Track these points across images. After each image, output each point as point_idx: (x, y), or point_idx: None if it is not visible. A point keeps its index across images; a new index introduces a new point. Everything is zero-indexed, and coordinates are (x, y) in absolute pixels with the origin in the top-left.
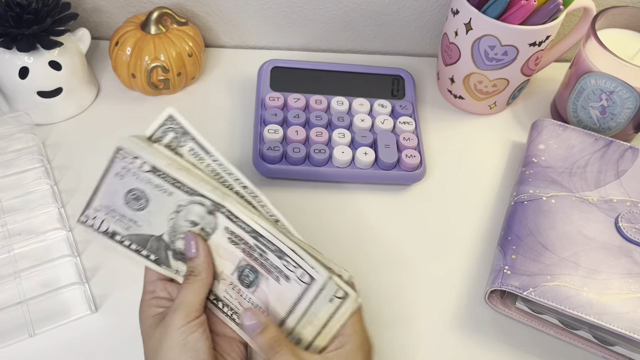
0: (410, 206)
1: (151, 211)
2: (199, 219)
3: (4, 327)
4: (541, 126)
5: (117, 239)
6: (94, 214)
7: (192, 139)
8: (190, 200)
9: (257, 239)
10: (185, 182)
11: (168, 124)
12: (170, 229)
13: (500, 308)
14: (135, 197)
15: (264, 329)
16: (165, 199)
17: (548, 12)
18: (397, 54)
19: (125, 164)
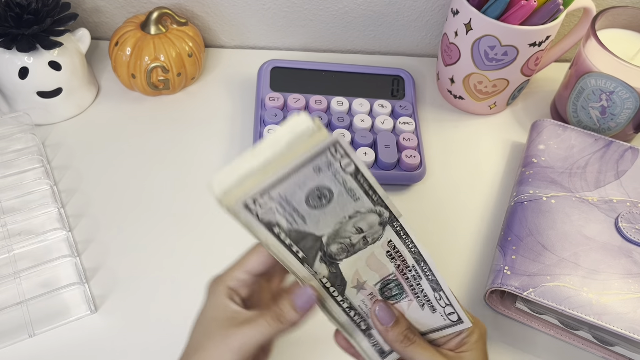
0: (410, 206)
1: (326, 212)
2: (368, 227)
3: (4, 327)
4: (541, 126)
5: (276, 231)
6: (268, 203)
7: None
8: (371, 209)
9: (418, 262)
10: (378, 190)
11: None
12: (334, 232)
13: (500, 308)
14: (319, 196)
15: (396, 322)
16: (349, 203)
17: (548, 12)
18: (397, 54)
19: (332, 159)
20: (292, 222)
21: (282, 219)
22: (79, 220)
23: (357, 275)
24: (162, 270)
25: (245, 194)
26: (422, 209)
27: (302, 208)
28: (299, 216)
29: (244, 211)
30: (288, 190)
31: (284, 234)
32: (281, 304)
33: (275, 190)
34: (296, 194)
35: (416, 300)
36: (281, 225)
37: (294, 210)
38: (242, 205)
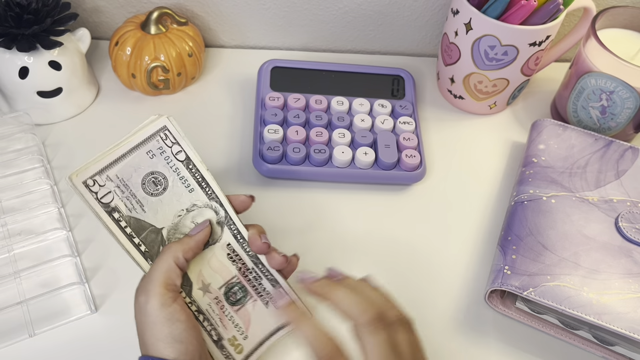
0: (410, 206)
1: (163, 201)
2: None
3: (4, 327)
4: (541, 126)
5: (116, 216)
6: (104, 182)
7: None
8: (207, 204)
9: (257, 264)
10: (211, 184)
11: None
12: (173, 226)
13: (500, 308)
14: (154, 181)
15: (290, 303)
16: (184, 193)
17: (548, 12)
18: (397, 54)
19: (163, 145)
20: (131, 208)
21: (121, 203)
22: (79, 220)
23: (201, 277)
24: None
25: (86, 173)
26: (422, 209)
27: (140, 193)
28: (137, 202)
29: (86, 191)
30: (125, 173)
31: (124, 221)
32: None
33: (113, 171)
34: (132, 177)
35: (260, 299)
36: (120, 209)
37: (132, 195)
38: (83, 185)
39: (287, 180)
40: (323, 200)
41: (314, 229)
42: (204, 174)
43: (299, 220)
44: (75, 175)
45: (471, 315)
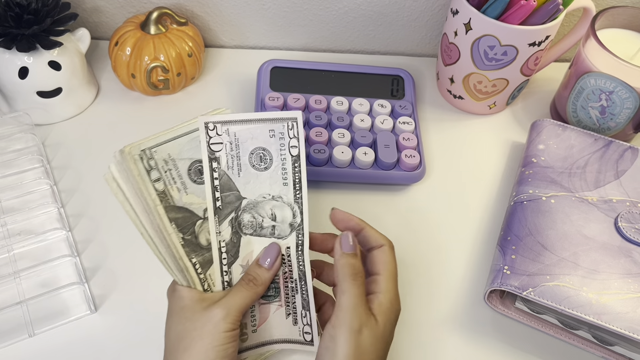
0: (410, 206)
1: (259, 177)
2: (280, 220)
3: (4, 327)
4: (541, 126)
5: (214, 165)
6: (222, 132)
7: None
8: (290, 204)
9: (301, 279)
10: (304, 190)
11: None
12: (254, 202)
13: (499, 308)
14: (261, 157)
15: (355, 254)
16: (278, 182)
17: (548, 12)
18: (397, 54)
19: (285, 132)
20: (230, 166)
21: (225, 158)
22: (79, 220)
23: (249, 257)
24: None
25: (214, 117)
26: (422, 209)
27: (244, 160)
28: (237, 165)
29: (204, 131)
30: (242, 135)
31: (218, 174)
32: (250, 269)
33: (234, 128)
34: (247, 142)
35: (285, 307)
36: (221, 162)
37: (237, 156)
38: (204, 125)
39: None
40: (323, 200)
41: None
42: (303, 178)
43: None
44: (202, 116)
45: (471, 315)
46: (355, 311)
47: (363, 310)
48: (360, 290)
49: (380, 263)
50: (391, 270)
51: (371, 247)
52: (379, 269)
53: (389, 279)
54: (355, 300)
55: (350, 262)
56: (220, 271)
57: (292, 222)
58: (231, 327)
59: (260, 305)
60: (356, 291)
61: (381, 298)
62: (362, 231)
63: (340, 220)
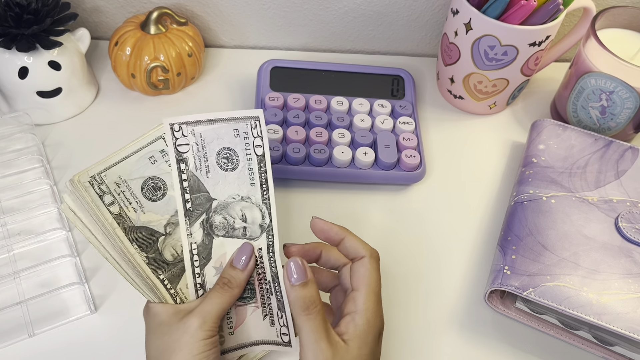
0: (410, 206)
1: (227, 178)
2: (251, 221)
3: (4, 327)
4: (541, 126)
5: (182, 167)
6: (188, 133)
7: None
8: (259, 204)
9: (274, 280)
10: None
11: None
12: (224, 204)
13: (500, 308)
14: (228, 157)
15: (305, 283)
16: (245, 182)
17: (548, 12)
18: (397, 54)
19: (249, 131)
20: (198, 167)
21: (192, 159)
22: None
23: (222, 259)
24: None
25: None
26: (422, 209)
27: (211, 160)
28: (205, 166)
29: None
30: (208, 135)
31: (186, 175)
32: (225, 272)
33: (200, 128)
34: (213, 143)
35: (262, 309)
36: (189, 164)
37: (205, 157)
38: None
39: (287, 180)
40: (323, 200)
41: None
42: (269, 178)
43: (298, 220)
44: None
45: (471, 315)
46: (317, 347)
47: (325, 343)
48: (317, 322)
49: (359, 278)
50: (370, 284)
51: (353, 257)
52: (357, 285)
53: (367, 295)
54: (313, 336)
55: (300, 295)
56: (193, 273)
57: (261, 223)
58: (209, 334)
59: (236, 307)
60: (312, 325)
61: (357, 319)
62: (343, 241)
63: (320, 230)
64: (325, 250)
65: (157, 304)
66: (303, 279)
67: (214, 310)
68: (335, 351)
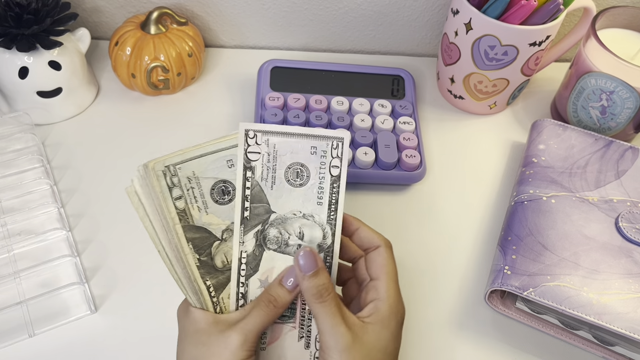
0: (410, 206)
1: (292, 193)
2: (308, 240)
3: (4, 327)
4: (541, 126)
5: (248, 174)
6: (262, 142)
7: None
8: (322, 224)
9: None
10: (339, 213)
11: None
12: (282, 218)
13: (500, 308)
14: (298, 173)
15: (316, 272)
16: (312, 200)
17: (548, 12)
18: (397, 54)
19: (329, 150)
20: (264, 177)
21: (260, 168)
22: (79, 220)
23: (269, 273)
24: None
25: (256, 126)
26: (422, 209)
27: (279, 173)
28: (272, 178)
29: (244, 138)
30: (282, 148)
31: (250, 183)
32: (271, 289)
33: (275, 139)
34: (285, 156)
35: (299, 330)
36: (256, 173)
37: (273, 169)
38: (244, 132)
39: None
40: None
41: None
42: (340, 200)
43: None
44: (244, 123)
45: (471, 315)
46: (336, 331)
47: (344, 327)
48: (332, 307)
49: (377, 267)
50: (389, 272)
51: (367, 248)
52: (377, 274)
53: (388, 282)
54: (330, 322)
55: (312, 284)
56: (237, 282)
57: (320, 243)
58: (248, 354)
59: (273, 324)
60: (328, 311)
61: (380, 305)
62: (357, 231)
63: None
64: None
65: (198, 309)
66: (314, 268)
67: (255, 329)
68: (355, 334)
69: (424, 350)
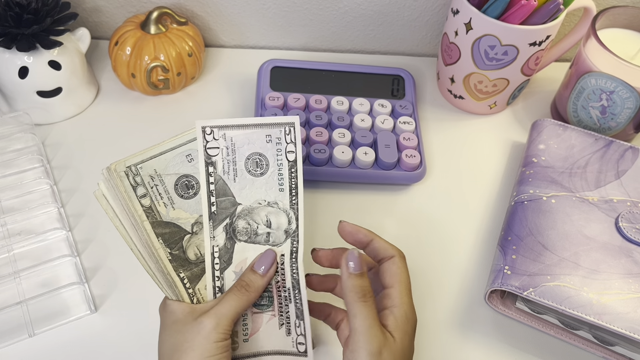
0: (410, 206)
1: (254, 183)
2: (276, 227)
3: (4, 327)
4: (541, 126)
5: (210, 170)
6: (219, 137)
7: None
8: (286, 210)
9: (294, 288)
10: (300, 196)
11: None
12: (248, 209)
13: (500, 308)
14: (257, 162)
15: (362, 273)
16: (274, 188)
17: (548, 12)
18: (397, 54)
19: (282, 137)
20: (226, 171)
21: (221, 162)
22: (79, 220)
23: (242, 264)
24: None
25: (211, 122)
26: (422, 209)
27: (240, 165)
28: (233, 170)
29: (201, 135)
30: (239, 140)
31: (214, 178)
32: (244, 275)
33: (231, 133)
34: (243, 148)
35: (279, 317)
36: (217, 167)
37: (233, 161)
38: (201, 129)
39: None
40: (323, 200)
41: (314, 228)
42: (299, 183)
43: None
44: (200, 120)
45: (471, 315)
46: (371, 333)
47: (378, 330)
48: (371, 310)
49: (392, 275)
50: (403, 281)
51: (381, 258)
52: (391, 282)
53: (402, 291)
54: (368, 322)
55: (357, 283)
56: (213, 276)
57: (287, 229)
58: (222, 337)
59: (252, 314)
60: (368, 312)
61: (396, 313)
62: (371, 242)
63: (348, 233)
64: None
65: (174, 301)
66: (360, 269)
67: (229, 313)
68: (385, 340)
69: (424, 350)
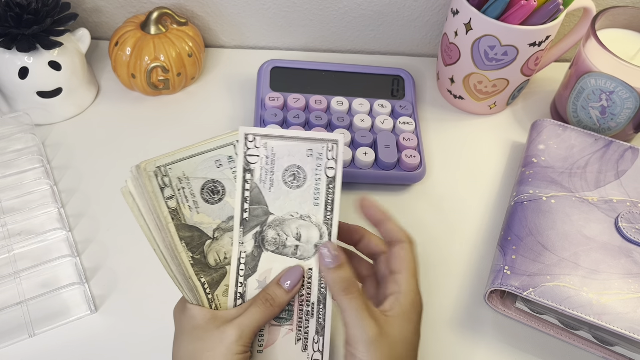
0: (410, 206)
1: (289, 195)
2: (305, 241)
3: (4, 327)
4: (541, 126)
5: (247, 177)
6: (260, 145)
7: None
8: (319, 224)
9: (319, 302)
10: (335, 213)
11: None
12: (279, 219)
13: (500, 308)
14: (295, 175)
15: (341, 265)
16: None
17: (548, 12)
18: (397, 54)
19: (324, 152)
20: (262, 179)
21: (259, 170)
22: (79, 220)
23: (267, 274)
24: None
25: (254, 130)
26: (422, 209)
27: (277, 175)
28: (270, 180)
29: (243, 140)
30: (280, 151)
31: (249, 185)
32: (268, 288)
33: (273, 143)
34: (283, 159)
35: (296, 332)
36: (254, 175)
37: (271, 171)
38: (244, 135)
39: None
40: None
41: None
42: (335, 200)
43: None
44: (244, 127)
45: (471, 315)
46: (363, 324)
47: (371, 320)
48: (359, 301)
49: (400, 261)
50: (411, 268)
51: (392, 241)
52: (399, 267)
53: (409, 277)
54: (357, 314)
55: (337, 275)
56: (236, 282)
57: (317, 243)
58: (243, 349)
59: (269, 326)
60: (355, 304)
61: (401, 299)
62: (384, 224)
63: (365, 206)
64: (366, 235)
65: (195, 306)
66: (338, 262)
67: (252, 325)
68: (380, 327)
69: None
